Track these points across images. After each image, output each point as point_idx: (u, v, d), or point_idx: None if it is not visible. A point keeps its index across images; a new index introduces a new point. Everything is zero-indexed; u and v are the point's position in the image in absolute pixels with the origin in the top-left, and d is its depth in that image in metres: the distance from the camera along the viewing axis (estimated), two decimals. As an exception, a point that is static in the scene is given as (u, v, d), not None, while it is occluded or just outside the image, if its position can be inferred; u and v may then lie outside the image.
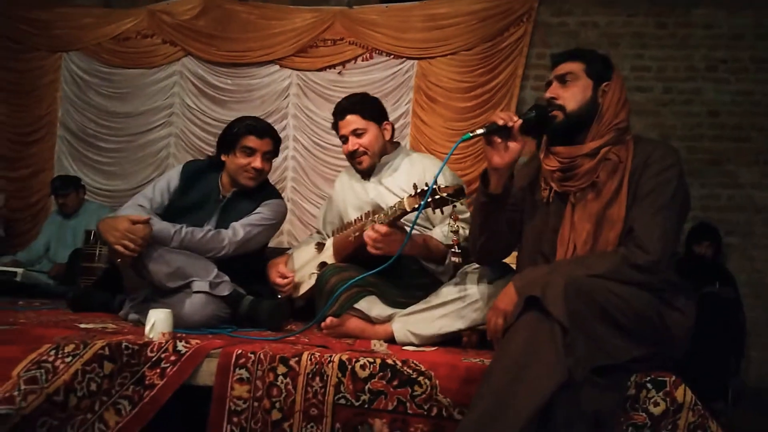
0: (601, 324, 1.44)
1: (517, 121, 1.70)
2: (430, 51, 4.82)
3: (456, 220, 1.95)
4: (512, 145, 1.71)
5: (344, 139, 2.38)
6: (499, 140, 1.71)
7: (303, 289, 2.37)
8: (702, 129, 4.64)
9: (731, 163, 4.59)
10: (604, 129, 1.72)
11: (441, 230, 2.20)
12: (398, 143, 2.51)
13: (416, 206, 1.89)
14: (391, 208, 2.04)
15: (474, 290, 1.98)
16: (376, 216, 2.10)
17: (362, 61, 4.96)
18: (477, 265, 2.08)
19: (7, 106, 5.44)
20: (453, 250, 1.91)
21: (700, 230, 4.20)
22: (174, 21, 5.17)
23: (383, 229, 1.98)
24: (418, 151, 2.87)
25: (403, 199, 1.97)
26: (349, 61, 4.97)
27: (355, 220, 2.27)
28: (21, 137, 5.42)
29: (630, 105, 1.79)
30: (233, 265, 2.29)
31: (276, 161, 2.53)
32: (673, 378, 1.53)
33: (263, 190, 2.46)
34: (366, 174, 2.42)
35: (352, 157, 2.38)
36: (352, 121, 2.35)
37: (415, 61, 4.86)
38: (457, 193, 1.88)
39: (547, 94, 1.79)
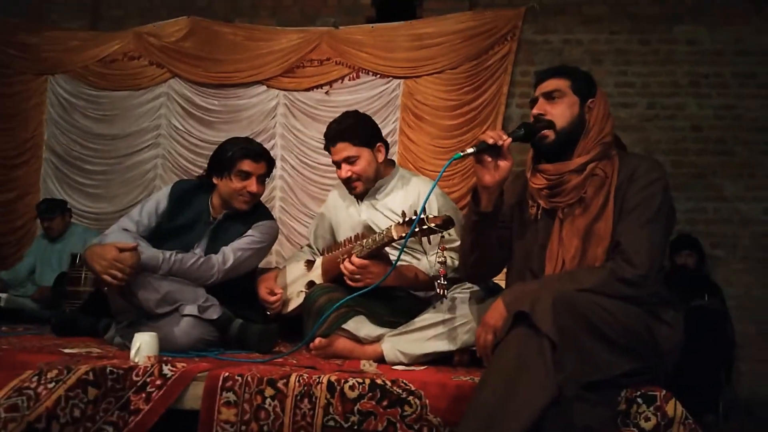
0: (590, 339, 1.44)
1: (506, 140, 1.71)
2: (417, 70, 4.85)
3: (443, 250, 1.92)
4: (502, 163, 1.72)
5: (337, 165, 2.34)
6: (489, 159, 1.72)
7: (291, 306, 2.36)
8: (686, 143, 4.69)
9: (716, 176, 4.63)
10: (590, 144, 1.73)
11: (428, 260, 2.17)
12: (393, 162, 2.49)
13: (403, 235, 1.87)
14: (378, 234, 2.01)
15: (465, 311, 1.98)
16: (365, 241, 2.09)
17: (349, 80, 4.98)
18: (468, 286, 2.08)
19: (-8, 129, 5.40)
20: (439, 281, 1.89)
21: (679, 241, 4.22)
22: (161, 43, 5.18)
23: (359, 262, 1.97)
24: (438, 189, 2.86)
25: (390, 227, 1.95)
26: (335, 80, 4.99)
27: (344, 241, 2.26)
28: (6, 160, 5.38)
29: (614, 120, 1.81)
30: (222, 288, 2.26)
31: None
32: (664, 392, 1.53)
33: (255, 211, 2.42)
34: (359, 196, 2.40)
35: (346, 183, 2.34)
36: (343, 148, 2.29)
37: (402, 80, 4.89)
38: (446, 223, 1.86)
39: (535, 111, 1.80)
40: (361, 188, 2.33)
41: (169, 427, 1.60)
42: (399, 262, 2.00)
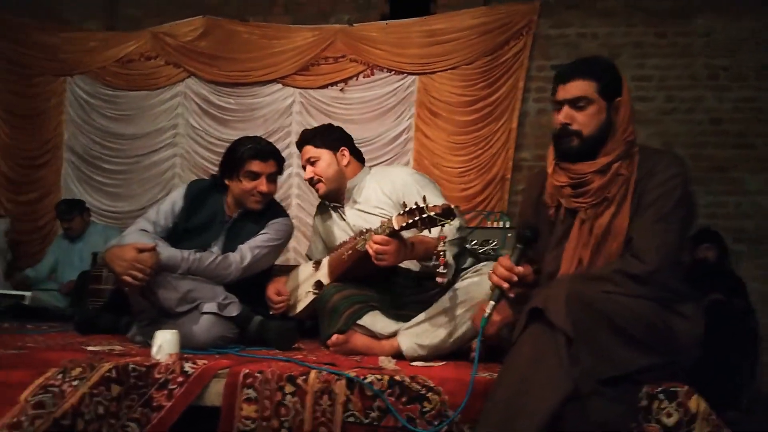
0: (606, 333, 1.43)
1: (517, 271, 1.66)
2: (431, 66, 4.84)
3: (443, 240, 1.91)
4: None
5: (303, 167, 2.47)
6: (512, 293, 1.69)
7: (300, 307, 2.38)
8: (705, 137, 4.63)
9: (737, 170, 4.57)
10: (615, 144, 1.69)
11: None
12: (362, 165, 2.52)
13: (404, 224, 1.86)
14: (380, 227, 2.01)
15: (475, 293, 1.98)
16: (367, 233, 2.09)
17: (364, 77, 4.99)
18: (477, 269, 2.07)
19: (13, 130, 5.48)
20: (439, 270, 1.88)
21: (699, 235, 4.17)
22: (177, 43, 5.22)
23: (382, 238, 1.95)
24: (410, 168, 2.89)
25: (391, 218, 1.95)
26: (350, 78, 5.00)
27: (350, 239, 2.28)
28: (28, 161, 5.46)
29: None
30: (240, 286, 2.27)
31: (280, 179, 2.53)
32: (686, 388, 1.52)
33: (269, 209, 2.43)
34: (331, 200, 2.46)
35: (311, 184, 2.47)
36: (307, 150, 2.44)
37: (417, 77, 4.89)
38: (446, 212, 1.83)
39: (561, 119, 1.71)
40: (324, 189, 2.41)
41: (190, 423, 1.62)
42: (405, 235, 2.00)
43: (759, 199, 4.53)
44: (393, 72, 4.93)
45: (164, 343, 1.73)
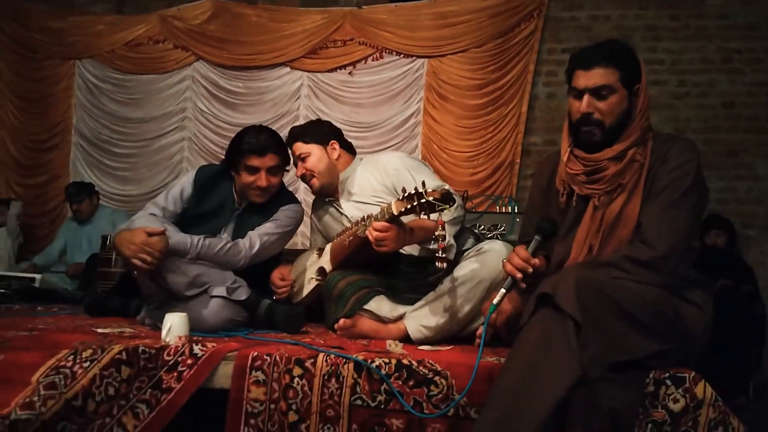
0: (615, 319, 1.43)
1: (533, 263, 1.66)
2: (441, 49, 4.80)
3: (441, 224, 1.88)
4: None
5: (295, 164, 2.47)
6: (523, 285, 1.68)
7: (303, 294, 2.40)
8: (717, 121, 4.58)
9: (748, 155, 4.52)
10: (632, 131, 1.68)
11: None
12: (354, 156, 2.52)
13: (403, 209, 1.85)
14: (380, 212, 2.00)
15: (478, 272, 1.99)
16: (368, 219, 2.08)
17: (372, 60, 4.96)
18: (479, 248, 2.07)
19: (22, 114, 5.50)
20: (437, 254, 1.88)
21: (708, 220, 4.15)
22: (185, 26, 5.21)
23: (382, 225, 1.93)
24: (400, 152, 2.88)
25: (390, 203, 1.93)
26: (359, 61, 4.97)
27: (352, 225, 2.26)
28: (37, 144, 5.49)
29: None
30: (249, 271, 2.28)
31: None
32: (693, 374, 1.51)
33: (279, 195, 2.43)
34: (325, 194, 2.46)
35: (304, 181, 2.46)
36: (297, 147, 2.43)
37: (426, 60, 4.85)
38: (445, 197, 1.80)
39: (583, 109, 1.67)
40: (318, 184, 2.41)
41: (200, 405, 1.64)
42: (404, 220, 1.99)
43: (770, 185, 4.49)
44: (402, 55, 4.90)
45: (174, 325, 1.74)
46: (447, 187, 1.96)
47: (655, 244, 1.56)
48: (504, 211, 3.72)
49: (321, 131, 2.47)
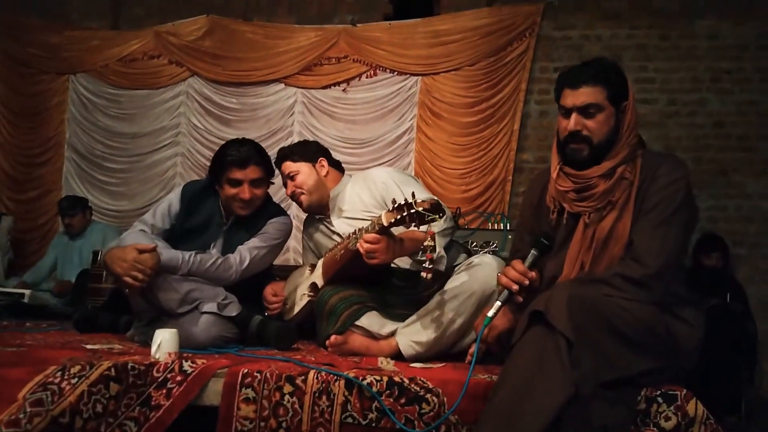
0: (607, 336, 1.43)
1: (529, 276, 1.66)
2: (434, 67, 4.84)
3: (431, 234, 1.87)
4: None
5: (284, 184, 2.50)
6: (519, 298, 1.69)
7: (295, 310, 2.38)
8: (707, 140, 4.63)
9: (738, 173, 4.57)
10: (621, 148, 1.69)
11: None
12: (342, 173, 2.54)
13: (393, 221, 1.84)
14: (370, 224, 1.98)
15: (469, 285, 1.98)
16: (359, 232, 2.06)
17: (366, 78, 4.99)
18: (469, 262, 2.07)
19: (15, 129, 5.49)
20: (425, 265, 1.87)
21: (709, 241, 4.17)
22: (180, 42, 5.23)
23: (372, 236, 1.93)
24: (389, 167, 2.91)
25: (380, 214, 1.92)
26: (353, 78, 5.00)
27: (343, 239, 2.26)
28: (29, 159, 5.47)
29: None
30: (239, 286, 2.27)
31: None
32: (684, 392, 1.51)
33: (267, 209, 2.42)
34: (315, 212, 2.47)
35: (294, 199, 2.47)
36: (286, 166, 2.46)
37: (419, 77, 4.89)
38: (434, 207, 1.79)
39: (571, 127, 1.69)
40: (307, 201, 2.42)
41: (189, 422, 1.62)
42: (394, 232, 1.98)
43: (760, 203, 4.52)
44: (396, 73, 4.94)
45: (163, 342, 1.73)
46: (436, 198, 1.96)
47: (648, 262, 1.56)
48: (496, 228, 3.73)
49: (309, 150, 2.50)
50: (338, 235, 2.36)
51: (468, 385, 1.54)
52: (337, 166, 2.53)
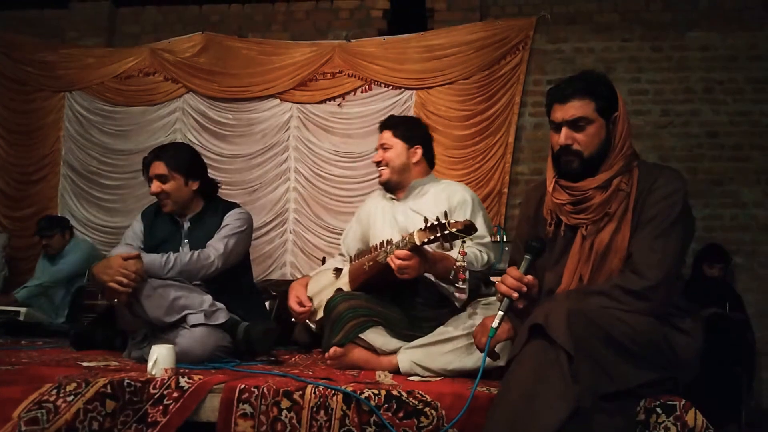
0: (607, 349, 1.43)
1: (527, 280, 1.66)
2: (428, 81, 4.86)
3: (464, 255, 1.91)
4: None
5: (376, 150, 2.52)
6: (520, 304, 1.69)
7: (319, 315, 2.36)
8: (701, 150, 4.65)
9: (733, 183, 4.59)
10: (615, 159, 1.70)
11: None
12: (430, 170, 2.55)
13: (426, 240, 1.89)
14: (401, 240, 2.03)
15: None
16: (389, 246, 2.10)
17: (361, 92, 5.00)
18: (489, 299, 2.07)
19: (10, 146, 5.47)
20: (458, 285, 1.88)
21: (712, 253, 4.17)
22: (175, 59, 5.25)
23: (405, 254, 1.96)
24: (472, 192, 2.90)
25: (413, 232, 1.96)
26: (348, 93, 5.01)
27: (371, 248, 2.27)
28: (25, 176, 5.45)
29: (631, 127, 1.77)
30: (227, 289, 2.32)
31: (278, 193, 2.57)
32: (684, 402, 1.51)
33: (218, 205, 2.53)
34: (388, 190, 2.49)
35: (377, 166, 2.50)
36: (384, 135, 2.49)
37: (414, 91, 4.91)
38: (467, 228, 1.84)
39: (562, 141, 1.70)
40: (385, 176, 2.45)
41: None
42: (428, 249, 2.01)
43: (755, 212, 4.54)
44: (390, 87, 4.95)
45: (160, 357, 1.72)
46: (470, 220, 1.95)
47: (647, 274, 1.57)
48: (493, 240, 3.72)
49: (412, 132, 2.50)
50: (394, 219, 2.38)
51: (467, 399, 1.54)
52: (430, 160, 2.53)
